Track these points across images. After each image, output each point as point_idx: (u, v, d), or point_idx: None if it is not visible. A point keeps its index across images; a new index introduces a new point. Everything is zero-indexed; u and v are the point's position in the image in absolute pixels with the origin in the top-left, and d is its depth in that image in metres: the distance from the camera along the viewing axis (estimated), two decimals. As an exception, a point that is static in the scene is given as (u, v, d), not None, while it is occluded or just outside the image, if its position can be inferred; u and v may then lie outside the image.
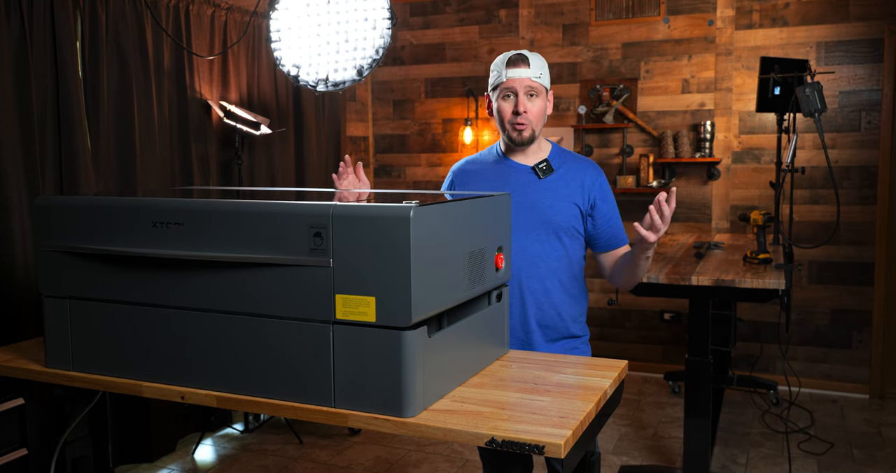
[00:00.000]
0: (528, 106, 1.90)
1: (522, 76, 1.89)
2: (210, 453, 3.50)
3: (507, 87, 1.90)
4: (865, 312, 4.13)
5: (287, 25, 2.62)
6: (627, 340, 4.62)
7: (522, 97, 1.90)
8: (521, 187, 1.95)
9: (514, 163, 1.99)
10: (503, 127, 1.95)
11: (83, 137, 2.93)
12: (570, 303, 2.00)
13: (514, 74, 1.89)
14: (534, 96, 1.91)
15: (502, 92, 1.92)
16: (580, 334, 2.04)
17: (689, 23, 4.35)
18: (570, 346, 2.01)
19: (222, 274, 1.41)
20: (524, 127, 1.91)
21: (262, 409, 1.41)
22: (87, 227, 1.54)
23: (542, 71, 1.91)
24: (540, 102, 1.93)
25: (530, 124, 1.92)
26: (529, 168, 1.97)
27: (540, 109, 1.93)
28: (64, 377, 1.60)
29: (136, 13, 3.17)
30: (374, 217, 1.28)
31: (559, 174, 1.96)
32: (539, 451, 1.20)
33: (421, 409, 1.31)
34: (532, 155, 1.99)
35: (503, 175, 1.98)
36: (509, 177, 1.97)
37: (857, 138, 4.09)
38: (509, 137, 1.95)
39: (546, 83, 1.94)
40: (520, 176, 1.97)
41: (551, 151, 2.01)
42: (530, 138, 1.94)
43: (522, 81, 1.89)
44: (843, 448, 3.44)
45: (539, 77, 1.90)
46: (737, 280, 2.76)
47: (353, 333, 1.31)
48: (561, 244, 1.96)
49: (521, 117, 1.90)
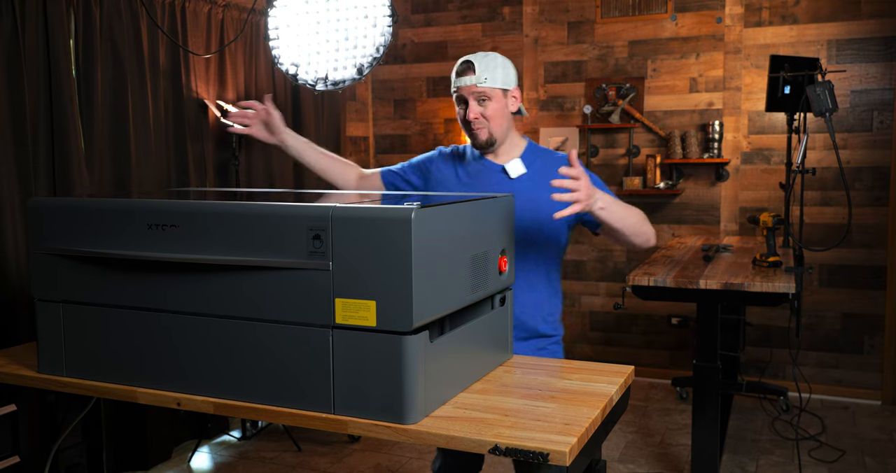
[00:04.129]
0: (477, 112, 1.96)
1: (468, 84, 1.95)
2: (207, 461, 3.46)
3: (458, 96, 1.98)
4: (878, 316, 4.08)
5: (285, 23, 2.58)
6: (634, 345, 4.56)
7: (472, 104, 1.96)
8: (491, 187, 1.99)
9: (487, 162, 2.04)
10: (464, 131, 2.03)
11: (77, 137, 2.90)
12: (538, 302, 2.00)
13: (461, 83, 1.96)
14: (484, 101, 1.95)
15: (457, 100, 2.00)
16: (551, 333, 2.04)
17: (696, 20, 4.29)
18: (539, 346, 2.02)
19: (219, 277, 1.40)
20: (480, 130, 1.97)
21: (259, 416, 1.40)
22: (80, 229, 1.53)
23: (488, 74, 1.94)
24: (493, 105, 1.96)
25: (486, 127, 1.97)
26: (501, 167, 2.01)
27: (495, 111, 1.96)
28: (57, 383, 1.59)
29: (131, 10, 3.13)
30: (374, 219, 1.26)
31: (531, 173, 1.99)
32: (543, 459, 1.19)
33: (422, 416, 1.30)
34: (504, 154, 2.03)
35: (478, 174, 2.04)
36: (481, 176, 2.02)
37: (869, 138, 4.03)
38: (471, 140, 2.02)
39: (497, 84, 1.95)
40: (491, 175, 2.01)
41: (525, 149, 2.04)
42: (489, 140, 1.98)
43: (469, 88, 1.95)
44: (854, 455, 3.40)
45: (485, 81, 1.94)
46: (746, 283, 2.75)
47: (352, 338, 1.30)
48: (534, 243, 1.98)
49: (474, 123, 1.97)
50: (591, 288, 4.60)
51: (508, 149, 2.02)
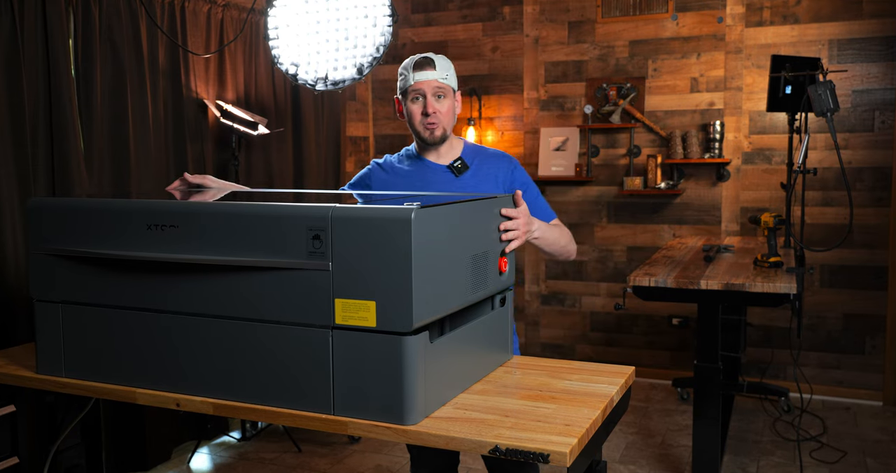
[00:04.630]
0: (436, 106, 1.99)
1: (429, 78, 1.97)
2: (206, 461, 3.45)
3: (415, 90, 1.99)
4: (879, 317, 4.07)
5: (285, 23, 2.57)
6: (634, 346, 4.55)
7: (431, 98, 1.98)
8: (438, 186, 2.02)
9: (430, 163, 2.06)
10: (414, 128, 2.03)
11: (76, 137, 2.89)
12: None
13: (422, 77, 1.98)
14: (442, 97, 2.00)
15: (412, 94, 2.01)
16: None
17: (697, 20, 4.28)
18: None
19: (219, 277, 1.40)
20: (435, 126, 1.99)
21: (259, 417, 1.40)
22: (80, 230, 1.53)
23: (448, 72, 2.00)
24: (448, 102, 2.01)
25: (441, 123, 1.99)
26: (445, 167, 2.04)
27: (448, 108, 2.01)
28: (56, 383, 1.59)
29: (131, 10, 3.12)
30: (374, 219, 1.26)
31: (473, 171, 2.03)
32: (544, 460, 1.19)
33: (422, 417, 1.31)
34: (446, 154, 2.06)
35: (421, 175, 2.06)
36: (426, 177, 2.05)
37: (871, 138, 4.02)
38: (421, 138, 2.02)
39: (453, 84, 2.02)
40: (436, 175, 2.04)
41: (464, 149, 2.09)
42: (442, 137, 2.01)
43: (430, 83, 1.97)
44: (856, 456, 3.39)
45: (445, 78, 1.99)
46: (747, 284, 2.75)
47: (352, 338, 1.30)
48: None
49: (431, 117, 1.98)
50: (592, 288, 4.59)
51: (449, 148, 2.06)
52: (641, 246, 4.47)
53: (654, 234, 4.46)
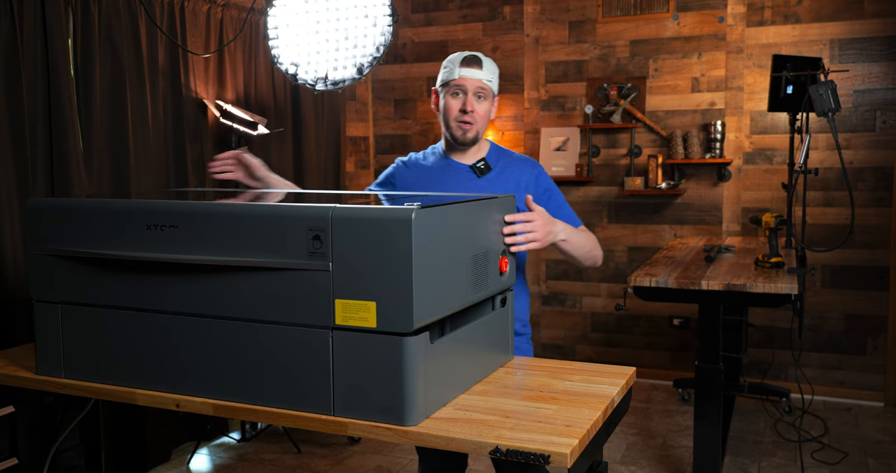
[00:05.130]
0: (475, 106, 1.95)
1: (475, 76, 1.95)
2: (206, 462, 3.44)
3: (457, 85, 1.96)
4: (881, 318, 4.06)
5: (285, 22, 2.56)
6: (635, 346, 4.54)
7: (471, 96, 1.95)
8: (459, 186, 1.99)
9: (453, 162, 2.04)
10: (447, 124, 1.99)
11: (75, 137, 2.88)
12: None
13: (467, 73, 1.95)
14: (482, 98, 1.97)
15: (452, 89, 1.97)
16: (520, 332, 2.08)
17: (698, 20, 4.27)
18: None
19: (218, 278, 1.39)
20: (469, 127, 1.96)
21: (259, 417, 1.39)
22: (79, 230, 1.52)
23: (493, 76, 1.99)
24: (486, 105, 1.99)
25: (476, 124, 1.97)
26: (468, 167, 2.01)
27: (486, 111, 1.99)
28: (55, 384, 1.58)
29: (130, 10, 3.11)
30: (374, 219, 1.25)
31: (496, 173, 2.01)
32: (545, 460, 1.18)
33: (423, 417, 1.30)
34: (472, 154, 2.04)
35: (443, 173, 2.03)
36: (448, 176, 2.02)
37: (872, 138, 4.01)
38: (453, 136, 1.99)
39: (495, 88, 2.01)
40: (458, 175, 2.01)
41: (489, 150, 2.05)
42: (473, 139, 1.99)
43: (474, 81, 1.95)
44: (857, 457, 3.38)
45: (490, 81, 1.97)
46: (748, 284, 2.74)
47: (352, 339, 1.29)
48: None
49: (468, 116, 1.95)
50: (593, 288, 4.58)
51: (476, 149, 2.04)
52: (642, 247, 4.46)
53: (654, 234, 4.45)
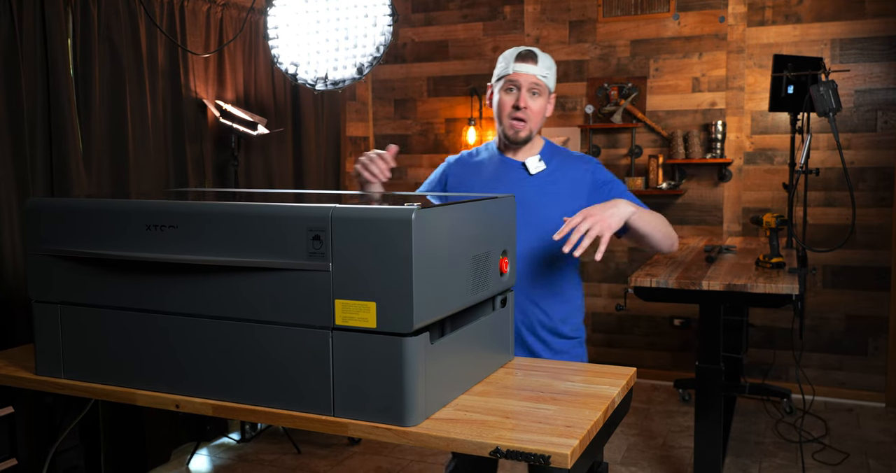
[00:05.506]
0: (529, 102, 1.90)
1: (529, 72, 1.89)
2: (206, 463, 3.43)
3: (511, 80, 1.90)
4: (882, 318, 4.05)
5: (285, 22, 2.56)
6: (636, 347, 4.54)
7: (525, 92, 1.90)
8: (512, 184, 1.95)
9: (507, 160, 2.00)
10: (500, 120, 1.94)
11: (74, 137, 2.88)
12: (558, 304, 1.97)
13: (522, 69, 1.89)
14: (536, 94, 1.92)
15: (506, 84, 1.91)
16: (573, 335, 2.01)
17: (699, 19, 4.26)
18: (561, 349, 1.98)
19: (218, 278, 1.39)
20: (522, 124, 1.92)
21: (258, 418, 1.39)
22: (78, 230, 1.52)
23: (549, 71, 1.92)
24: (541, 101, 1.93)
25: (528, 122, 1.92)
26: (521, 164, 1.97)
27: (540, 108, 1.93)
28: (55, 384, 1.58)
29: (129, 9, 3.11)
30: (374, 219, 1.25)
31: (550, 170, 1.96)
32: (545, 461, 1.18)
33: (423, 418, 1.29)
34: (525, 151, 1.99)
35: (496, 171, 1.99)
36: (501, 174, 1.97)
37: (873, 138, 4.01)
38: (505, 133, 1.95)
39: (551, 85, 1.94)
40: (511, 172, 1.97)
41: (543, 148, 2.01)
42: (526, 138, 1.94)
43: (528, 77, 1.89)
44: (858, 458, 3.37)
45: (545, 76, 1.91)
46: (749, 285, 2.73)
47: (352, 339, 1.28)
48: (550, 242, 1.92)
49: (521, 112, 1.90)
50: (593, 289, 4.57)
51: (530, 147, 1.99)
52: (643, 247, 4.45)
53: (655, 235, 4.44)
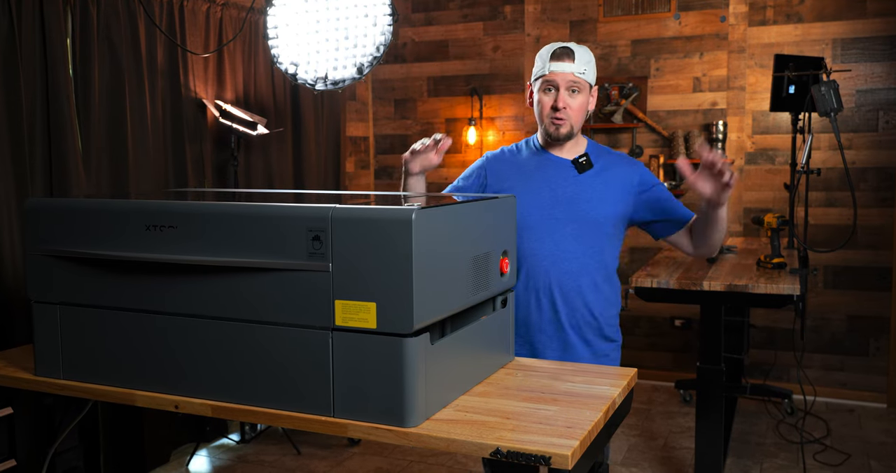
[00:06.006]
0: (568, 101, 1.88)
1: (566, 71, 1.87)
2: (205, 464, 3.43)
3: (548, 80, 1.88)
4: (883, 319, 4.04)
5: (285, 22, 2.55)
6: (637, 347, 4.53)
7: (563, 92, 1.88)
8: (559, 181, 1.92)
9: (552, 157, 1.97)
10: (541, 120, 1.93)
11: (74, 137, 2.87)
12: (602, 304, 1.97)
13: (557, 68, 1.87)
14: (576, 92, 1.89)
15: (544, 84, 1.90)
16: (614, 338, 2.02)
17: (700, 19, 4.25)
18: (602, 352, 1.97)
19: (218, 278, 1.39)
20: (562, 122, 1.90)
21: (258, 419, 1.39)
22: (77, 230, 1.52)
23: (587, 66, 1.89)
24: (581, 98, 1.90)
25: (569, 120, 1.90)
26: (569, 162, 1.94)
27: (581, 105, 1.90)
28: (54, 385, 1.58)
29: (129, 9, 3.10)
30: (374, 220, 1.25)
31: (598, 170, 1.93)
32: (545, 462, 1.18)
33: (423, 419, 1.30)
34: (569, 149, 1.97)
35: (541, 167, 1.96)
36: (548, 170, 1.95)
37: (875, 138, 4.00)
38: (546, 131, 1.93)
39: (591, 79, 1.91)
40: (559, 169, 1.95)
41: (588, 146, 1.98)
42: (568, 134, 1.92)
43: (565, 76, 1.87)
44: (860, 459, 3.36)
45: (583, 73, 1.87)
46: (750, 285, 2.73)
47: (352, 340, 1.29)
48: (596, 241, 1.92)
49: (560, 112, 1.87)
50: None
51: (574, 144, 1.97)
52: (644, 247, 4.44)
53: (656, 235, 4.43)
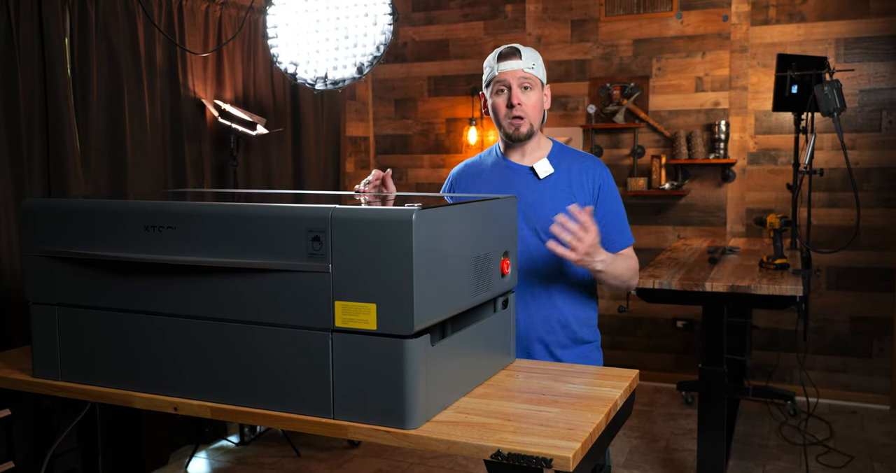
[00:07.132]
0: (521, 98, 1.86)
1: (515, 68, 1.86)
2: (204, 466, 3.42)
3: (499, 81, 1.87)
4: (886, 320, 4.02)
5: (284, 21, 2.54)
6: (639, 349, 4.51)
7: (516, 90, 1.87)
8: (520, 188, 1.91)
9: (512, 164, 1.95)
10: (499, 124, 1.91)
11: (72, 137, 2.86)
12: (576, 307, 1.95)
13: (506, 67, 1.86)
14: (528, 89, 1.88)
15: (495, 87, 1.89)
16: (590, 339, 1.99)
17: (702, 18, 4.23)
18: (580, 353, 1.96)
19: (217, 279, 1.38)
20: (521, 121, 1.88)
21: (258, 420, 1.38)
22: (76, 231, 1.51)
23: (535, 62, 1.88)
24: (535, 95, 1.89)
25: (527, 118, 1.88)
26: (528, 168, 1.93)
27: (536, 102, 1.89)
28: (52, 387, 1.58)
29: (127, 8, 3.09)
30: (374, 220, 1.24)
31: (560, 173, 1.92)
32: (547, 464, 1.17)
33: (423, 421, 1.29)
34: (531, 154, 1.95)
35: (502, 176, 1.95)
36: (508, 179, 1.93)
37: (878, 138, 3.98)
38: (506, 134, 1.91)
39: (541, 76, 1.90)
40: (519, 176, 1.93)
41: (552, 150, 1.96)
42: (528, 133, 1.90)
43: (515, 73, 1.86)
44: (863, 460, 3.35)
45: (532, 68, 1.87)
46: (753, 286, 2.72)
47: (352, 341, 1.28)
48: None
49: (517, 109, 1.86)
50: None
51: (535, 148, 1.95)
52: (646, 248, 4.42)
53: (658, 236, 4.42)
